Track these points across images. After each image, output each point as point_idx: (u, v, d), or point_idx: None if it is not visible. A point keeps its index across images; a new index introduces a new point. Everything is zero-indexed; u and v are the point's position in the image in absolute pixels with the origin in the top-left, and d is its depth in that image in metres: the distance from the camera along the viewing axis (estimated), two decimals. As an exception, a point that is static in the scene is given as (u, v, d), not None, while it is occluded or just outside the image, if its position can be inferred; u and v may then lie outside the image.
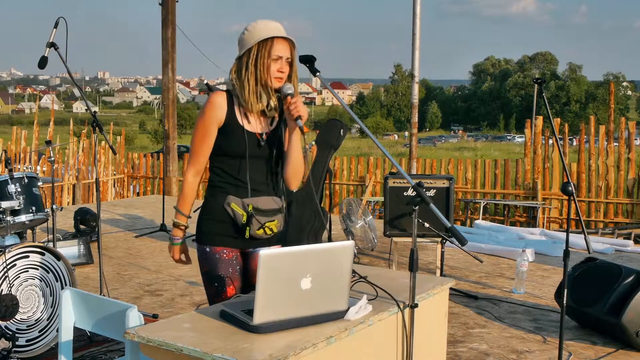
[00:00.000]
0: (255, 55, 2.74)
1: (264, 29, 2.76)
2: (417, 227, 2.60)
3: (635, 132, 12.27)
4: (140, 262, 6.79)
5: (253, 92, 2.75)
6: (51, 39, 4.33)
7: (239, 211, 2.77)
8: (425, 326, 2.74)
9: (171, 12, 11.66)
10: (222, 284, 2.82)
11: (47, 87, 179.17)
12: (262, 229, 2.78)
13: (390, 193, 5.77)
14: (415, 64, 9.40)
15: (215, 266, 2.82)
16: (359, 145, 51.42)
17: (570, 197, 3.57)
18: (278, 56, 2.74)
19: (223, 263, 2.81)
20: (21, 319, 3.98)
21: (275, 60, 2.74)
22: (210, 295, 2.87)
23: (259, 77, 2.75)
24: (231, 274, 2.82)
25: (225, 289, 2.81)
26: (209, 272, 2.84)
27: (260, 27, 2.77)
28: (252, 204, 2.77)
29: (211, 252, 2.82)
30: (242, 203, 2.77)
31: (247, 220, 2.76)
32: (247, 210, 2.76)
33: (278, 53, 2.74)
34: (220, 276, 2.81)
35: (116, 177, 13.54)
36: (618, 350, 4.38)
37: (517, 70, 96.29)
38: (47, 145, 5.55)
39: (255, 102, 2.75)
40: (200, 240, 2.86)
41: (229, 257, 2.83)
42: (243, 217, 2.76)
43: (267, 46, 2.74)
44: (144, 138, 60.39)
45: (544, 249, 7.42)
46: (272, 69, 2.74)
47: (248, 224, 2.76)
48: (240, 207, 2.77)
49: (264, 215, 2.78)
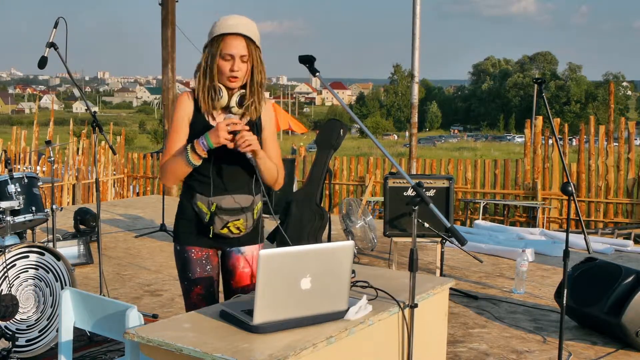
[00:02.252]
0: (207, 55, 2.70)
1: (221, 25, 2.70)
2: (417, 227, 2.60)
3: (635, 132, 12.27)
4: (140, 262, 6.79)
5: (204, 90, 2.72)
6: (51, 39, 4.32)
7: (203, 209, 2.77)
8: (425, 326, 2.74)
9: (171, 12, 11.66)
10: (190, 283, 2.84)
11: (47, 87, 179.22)
12: (226, 227, 2.77)
13: (390, 193, 5.77)
14: (415, 64, 9.40)
15: (184, 264, 2.84)
16: (358, 145, 51.44)
17: (570, 197, 3.57)
18: (229, 54, 2.67)
19: (191, 262, 2.83)
20: (21, 319, 3.98)
21: (227, 60, 2.68)
22: (182, 291, 2.90)
23: (211, 77, 2.71)
24: (199, 273, 2.83)
25: (193, 288, 2.84)
26: (179, 270, 2.88)
27: (219, 23, 2.71)
28: (217, 202, 2.75)
29: (181, 250, 2.84)
30: (207, 202, 2.76)
31: (209, 218, 2.76)
32: (210, 208, 2.76)
33: (228, 51, 2.67)
34: (188, 275, 2.84)
35: (116, 177, 13.54)
36: (618, 350, 4.38)
37: (517, 70, 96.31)
38: (47, 145, 5.55)
39: (207, 100, 2.72)
40: (174, 238, 2.89)
41: (198, 257, 2.83)
42: (207, 216, 2.77)
43: (218, 44, 2.68)
44: (144, 138, 60.40)
45: (543, 249, 7.42)
46: (225, 69, 2.69)
47: (211, 222, 2.76)
48: (205, 206, 2.76)
49: (228, 214, 2.76)
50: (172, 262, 6.77)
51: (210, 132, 2.64)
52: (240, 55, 2.68)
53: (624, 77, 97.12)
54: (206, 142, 2.64)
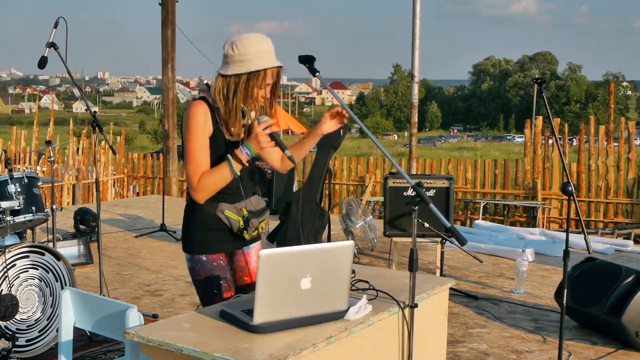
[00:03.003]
0: (245, 84, 2.67)
1: (256, 55, 2.65)
2: (417, 227, 2.60)
3: (635, 132, 12.27)
4: (140, 262, 6.79)
5: (238, 118, 2.72)
6: (51, 39, 4.33)
7: (234, 217, 2.78)
8: (425, 326, 2.75)
9: (171, 12, 11.66)
10: (220, 290, 2.82)
11: (47, 87, 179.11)
12: (256, 229, 2.87)
13: (390, 193, 5.77)
14: (415, 64, 9.40)
15: (213, 274, 2.81)
16: (358, 145, 51.44)
17: (570, 197, 3.57)
18: (267, 84, 2.71)
19: (220, 270, 2.82)
20: (21, 319, 3.98)
21: (262, 89, 2.71)
22: (207, 302, 2.83)
23: (245, 103, 2.73)
24: (228, 279, 2.85)
25: (224, 295, 2.82)
26: (206, 281, 2.81)
27: (251, 52, 2.65)
28: (244, 207, 2.81)
29: (208, 260, 2.80)
30: (234, 208, 2.79)
31: (244, 224, 2.80)
32: (242, 215, 2.80)
33: (268, 81, 2.70)
34: (219, 283, 2.81)
35: (116, 177, 13.54)
36: (618, 350, 4.38)
37: (517, 70, 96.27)
38: (47, 145, 5.55)
39: (238, 125, 2.74)
40: (193, 250, 2.81)
41: (225, 263, 2.85)
42: (240, 222, 2.79)
43: (259, 77, 2.67)
44: (144, 138, 60.39)
45: (543, 249, 7.42)
46: (258, 95, 2.71)
47: (246, 227, 2.80)
48: (234, 213, 2.78)
49: (257, 216, 2.86)
50: (172, 262, 6.81)
51: (251, 140, 2.66)
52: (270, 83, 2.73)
53: (624, 77, 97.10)
54: (249, 151, 2.67)
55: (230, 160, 2.66)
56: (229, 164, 2.67)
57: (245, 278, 2.93)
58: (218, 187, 2.71)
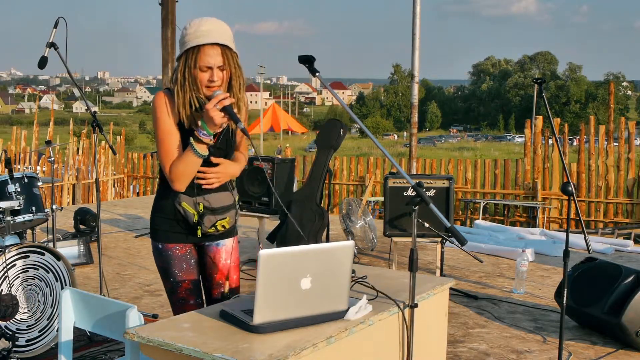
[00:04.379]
0: (184, 64, 2.64)
1: (194, 34, 2.62)
2: (417, 227, 2.60)
3: (635, 132, 12.27)
4: (140, 262, 6.79)
5: (184, 103, 2.67)
6: (51, 39, 4.33)
7: (190, 210, 2.77)
8: (425, 326, 2.74)
9: (171, 12, 11.65)
10: (176, 280, 2.85)
11: (47, 87, 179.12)
12: (214, 227, 2.80)
13: (390, 193, 5.77)
14: (415, 64, 9.39)
15: (169, 262, 2.84)
16: (358, 145, 51.44)
17: (570, 197, 3.57)
18: (206, 67, 2.63)
19: (176, 259, 2.83)
20: (21, 319, 3.98)
21: (204, 71, 2.64)
22: (167, 290, 2.90)
23: (188, 88, 2.65)
24: (185, 269, 2.85)
25: (181, 284, 2.85)
26: (163, 268, 2.87)
27: (191, 31, 2.62)
28: (203, 202, 2.76)
29: (164, 248, 2.84)
30: (193, 202, 2.76)
31: (198, 219, 2.77)
32: (197, 209, 2.77)
33: (205, 63, 2.62)
34: (174, 272, 2.84)
35: (116, 177, 13.54)
36: (618, 350, 4.38)
37: (517, 70, 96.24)
38: (47, 145, 5.55)
39: (187, 110, 2.68)
40: (153, 237, 2.87)
41: (182, 253, 2.84)
42: (194, 217, 2.77)
43: (194, 55, 2.62)
44: (144, 138, 60.40)
45: (544, 249, 7.42)
46: (202, 79, 2.65)
47: (199, 223, 2.77)
48: (191, 207, 2.76)
49: (215, 213, 2.79)
50: (172, 262, 6.81)
51: (206, 119, 2.61)
52: (217, 65, 2.64)
53: (624, 77, 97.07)
54: (205, 131, 2.63)
55: (192, 143, 2.65)
56: (191, 148, 2.65)
57: (215, 275, 2.92)
58: (190, 171, 2.69)
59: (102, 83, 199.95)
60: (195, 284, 2.88)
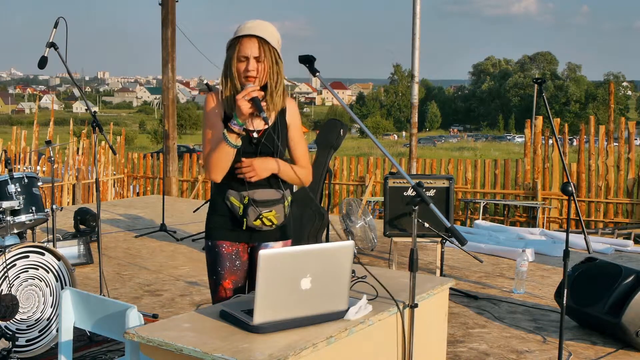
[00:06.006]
0: (228, 59, 2.81)
1: (240, 29, 2.80)
2: (417, 227, 2.60)
3: (635, 132, 12.28)
4: (140, 262, 6.79)
5: (226, 92, 2.82)
6: (51, 39, 4.32)
7: (236, 203, 2.83)
8: (425, 326, 2.74)
9: (171, 12, 11.66)
10: (218, 277, 2.89)
11: (47, 87, 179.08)
12: (259, 219, 2.83)
13: (390, 193, 5.77)
14: (415, 64, 9.40)
15: (214, 259, 2.90)
16: (359, 145, 51.42)
17: (570, 197, 3.57)
18: (244, 57, 2.76)
19: (222, 256, 2.88)
20: (21, 319, 3.98)
21: (242, 62, 2.77)
22: (210, 287, 2.96)
23: (231, 78, 2.80)
24: (229, 268, 2.88)
25: (221, 282, 2.88)
26: (209, 265, 2.93)
27: (239, 28, 2.81)
28: (249, 195, 2.82)
29: (212, 245, 2.90)
30: (239, 196, 2.83)
31: (243, 211, 2.82)
32: (243, 202, 2.82)
33: (243, 54, 2.76)
34: (217, 269, 2.89)
35: (116, 177, 13.54)
36: (618, 350, 4.38)
37: (517, 70, 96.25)
38: (47, 145, 5.55)
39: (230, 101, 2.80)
40: (206, 236, 2.94)
41: (229, 251, 2.89)
42: (240, 209, 2.83)
43: (234, 47, 2.78)
44: (144, 138, 60.38)
45: (544, 249, 7.42)
46: (240, 69, 2.78)
47: (245, 215, 2.82)
48: (237, 200, 2.83)
49: (261, 205, 2.83)
50: (172, 262, 6.81)
51: (236, 110, 2.72)
52: (254, 56, 2.76)
53: (624, 77, 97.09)
54: (236, 121, 2.72)
55: (224, 133, 2.75)
56: (223, 137, 2.74)
57: None
58: (222, 161, 2.77)
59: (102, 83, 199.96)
60: (237, 285, 2.90)
